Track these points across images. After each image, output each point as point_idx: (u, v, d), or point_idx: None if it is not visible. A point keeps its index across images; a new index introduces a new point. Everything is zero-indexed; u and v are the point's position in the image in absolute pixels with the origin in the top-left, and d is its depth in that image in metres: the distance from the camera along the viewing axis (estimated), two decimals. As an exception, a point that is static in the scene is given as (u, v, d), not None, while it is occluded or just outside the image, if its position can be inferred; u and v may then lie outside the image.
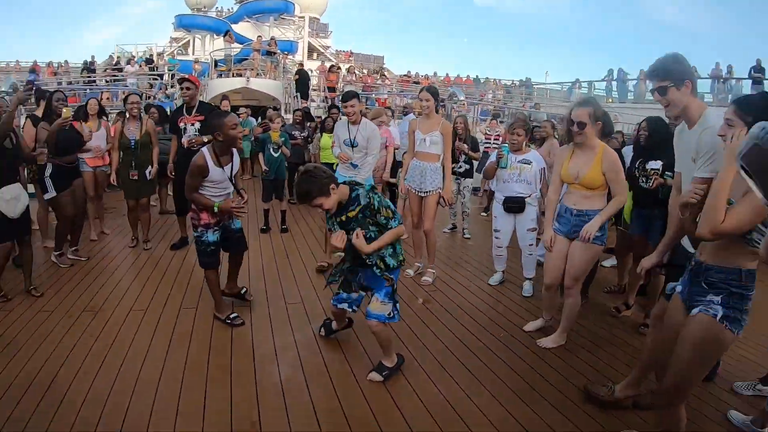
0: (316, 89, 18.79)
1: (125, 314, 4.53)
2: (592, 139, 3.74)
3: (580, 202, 3.83)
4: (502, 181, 5.20)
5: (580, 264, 3.89)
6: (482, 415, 3.26)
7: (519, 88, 25.78)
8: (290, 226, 7.60)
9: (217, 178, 4.11)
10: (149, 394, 3.36)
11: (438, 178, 5.28)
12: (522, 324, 4.58)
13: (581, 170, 3.75)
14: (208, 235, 4.18)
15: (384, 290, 3.47)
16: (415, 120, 5.63)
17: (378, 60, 34.04)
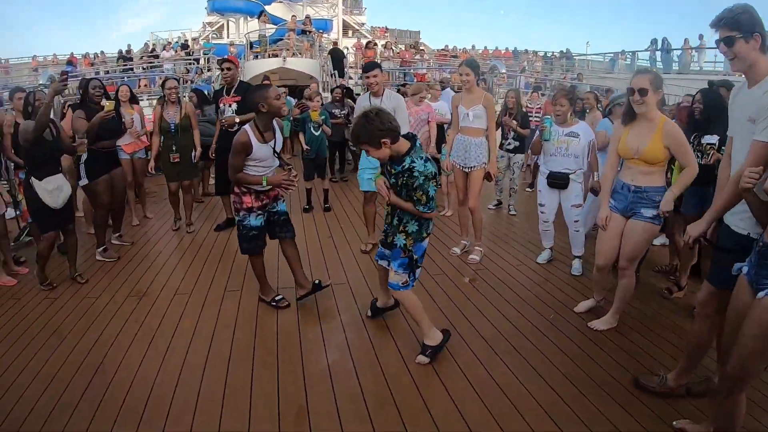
0: (353, 66, 18.53)
1: (170, 298, 4.52)
2: (652, 109, 3.48)
3: (639, 178, 3.61)
4: (549, 155, 4.95)
5: (636, 244, 3.69)
6: (532, 398, 3.10)
7: (559, 59, 24.93)
8: (333, 204, 7.51)
9: (261, 155, 3.89)
10: (196, 378, 3.33)
11: (483, 152, 5.14)
12: (572, 304, 4.36)
13: (641, 144, 3.51)
14: (251, 220, 4.03)
15: (399, 260, 3.39)
16: (457, 95, 5.49)
17: (414, 35, 33.47)
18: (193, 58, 19.23)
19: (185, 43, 23.01)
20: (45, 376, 3.40)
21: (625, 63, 20.45)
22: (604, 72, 20.54)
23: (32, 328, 4.07)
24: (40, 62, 24.97)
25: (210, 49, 20.43)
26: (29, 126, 4.38)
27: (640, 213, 3.60)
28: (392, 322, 3.99)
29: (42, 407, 3.07)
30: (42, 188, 4.53)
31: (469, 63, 5.19)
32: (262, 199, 4.04)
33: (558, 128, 4.86)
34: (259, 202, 4.02)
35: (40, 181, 4.53)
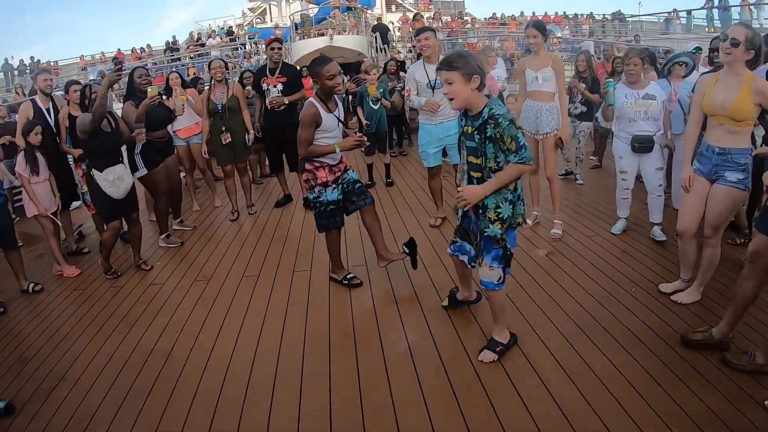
0: (401, 40, 18.16)
1: (238, 281, 4.44)
2: (739, 64, 3.22)
3: (724, 138, 3.35)
4: (628, 120, 4.61)
5: (721, 210, 3.42)
6: (624, 379, 2.82)
7: (612, 22, 23.79)
8: (395, 179, 7.28)
9: (329, 125, 3.84)
10: (271, 362, 3.21)
11: (554, 118, 4.88)
12: (652, 276, 4.04)
13: (727, 99, 3.25)
14: (327, 194, 3.92)
15: (492, 253, 2.99)
16: (523, 59, 5.23)
17: (458, 5, 32.75)
18: (240, 43, 19.28)
19: (230, 30, 23.16)
20: (118, 361, 3.40)
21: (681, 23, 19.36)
22: (659, 33, 19.43)
23: (101, 316, 4.09)
24: (87, 61, 25.65)
25: (255, 33, 20.45)
26: (86, 118, 4.38)
27: (724, 177, 3.36)
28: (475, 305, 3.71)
29: (116, 392, 3.07)
30: (103, 179, 4.53)
31: (535, 24, 4.94)
32: (335, 172, 3.95)
33: (633, 91, 4.55)
34: (333, 174, 3.93)
35: (100, 173, 4.53)
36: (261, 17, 28.08)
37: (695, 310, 3.51)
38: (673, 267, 4.13)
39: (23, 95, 12.20)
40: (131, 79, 5.32)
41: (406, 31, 18.84)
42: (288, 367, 3.12)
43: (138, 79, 5.24)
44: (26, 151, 4.84)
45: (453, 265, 4.29)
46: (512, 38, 18.59)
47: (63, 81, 18.00)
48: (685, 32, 18.23)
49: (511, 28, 21.97)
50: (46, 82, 5.38)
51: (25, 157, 4.81)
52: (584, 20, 25.58)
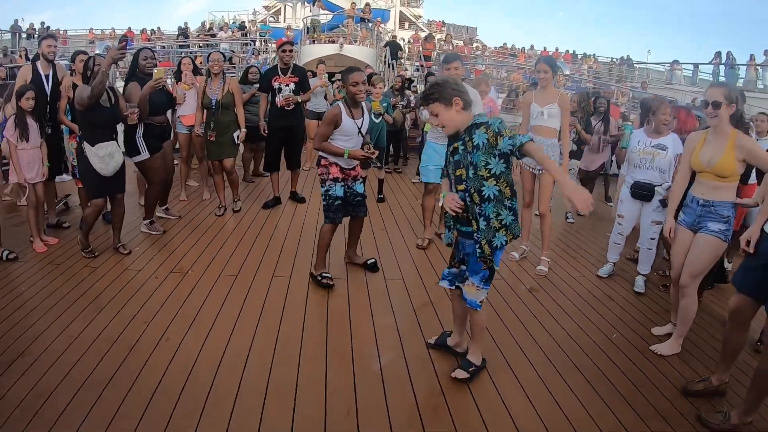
0: (410, 58, 18.28)
1: (215, 279, 4.35)
2: (725, 123, 3.44)
3: (709, 192, 3.55)
4: (633, 166, 4.67)
5: (698, 258, 3.57)
6: (593, 423, 2.84)
7: (619, 66, 24.11)
8: (387, 196, 7.26)
9: (347, 129, 4.15)
10: (238, 366, 3.14)
11: (555, 154, 4.92)
12: (634, 324, 4.10)
13: (713, 157, 3.46)
14: (336, 189, 4.26)
15: (480, 273, 3.00)
16: (529, 93, 5.25)
17: (471, 31, 33.15)
18: (250, 39, 19.27)
19: (242, 24, 23.18)
20: (81, 344, 3.30)
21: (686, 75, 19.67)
22: (664, 83, 19.73)
23: (70, 295, 3.98)
24: (97, 35, 25.50)
25: (267, 31, 20.49)
26: (84, 92, 4.32)
27: (707, 226, 3.53)
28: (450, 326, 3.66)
29: (76, 376, 2.98)
30: (93, 153, 4.46)
31: (547, 60, 5.08)
32: (345, 173, 4.29)
33: (647, 138, 4.58)
34: (342, 174, 4.28)
35: (92, 147, 4.45)
36: (275, 16, 28.20)
37: (672, 363, 3.53)
38: (655, 317, 4.20)
39: (26, 59, 12.08)
40: (136, 59, 5.22)
41: (416, 49, 18.97)
42: (255, 375, 3.04)
43: (143, 60, 5.14)
44: (17, 116, 4.73)
45: (433, 286, 4.32)
46: (520, 70, 18.78)
47: (69, 51, 17.91)
48: (690, 85, 18.48)
49: (519, 60, 22.18)
50: (49, 48, 5.27)
51: (15, 122, 4.70)
52: (586, 61, 25.86)
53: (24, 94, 4.71)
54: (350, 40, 17.44)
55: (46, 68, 5.25)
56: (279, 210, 6.38)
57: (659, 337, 3.89)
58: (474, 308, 3.07)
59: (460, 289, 3.13)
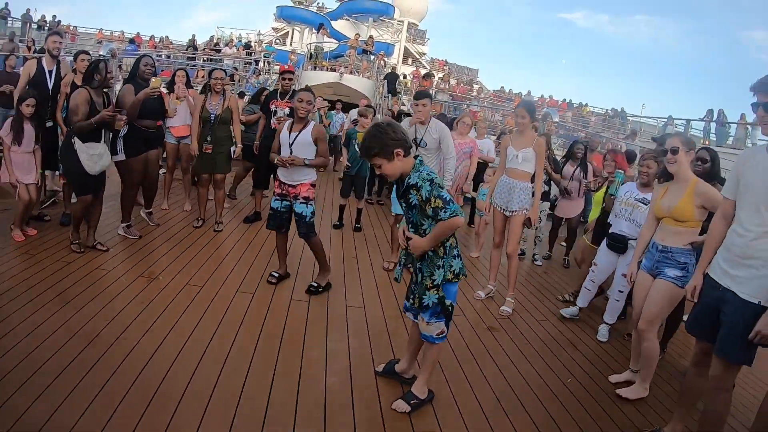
0: (407, 92, 18.67)
1: (181, 287, 4.46)
2: (685, 170, 3.67)
3: (668, 238, 3.72)
4: (614, 215, 4.82)
5: (656, 303, 3.69)
6: None
7: (613, 118, 24.71)
8: (364, 226, 7.40)
9: (282, 139, 4.62)
10: (187, 371, 3.23)
11: (526, 197, 5.06)
12: (592, 371, 4.19)
13: (672, 201, 3.66)
14: (273, 201, 4.72)
15: (430, 311, 3.09)
16: (507, 136, 5.42)
17: (472, 72, 33.88)
18: (254, 59, 19.62)
19: (248, 43, 23.56)
20: (39, 335, 3.39)
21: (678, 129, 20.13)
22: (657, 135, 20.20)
23: (39, 286, 4.08)
24: (105, 35, 25.82)
25: (271, 53, 20.85)
26: (79, 108, 4.52)
27: (664, 272, 3.65)
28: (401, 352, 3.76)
29: (29, 363, 3.06)
30: (84, 151, 4.61)
31: (525, 104, 5.25)
32: (282, 189, 4.66)
33: (635, 191, 4.68)
34: (279, 189, 4.68)
35: (83, 144, 4.59)
36: (282, 39, 28.69)
37: (627, 409, 3.64)
38: (616, 366, 4.30)
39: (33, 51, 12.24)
40: (137, 64, 5.42)
41: (414, 85, 19.38)
42: (201, 383, 3.13)
43: (143, 66, 5.34)
44: (14, 119, 4.87)
45: (392, 315, 4.49)
46: (514, 114, 19.12)
47: (77, 48, 18.12)
48: None
49: (515, 105, 22.62)
50: (55, 44, 5.44)
51: (12, 125, 4.84)
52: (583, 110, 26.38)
53: (25, 99, 4.87)
54: (351, 70, 17.82)
55: (50, 64, 5.42)
56: (256, 228, 6.51)
57: (616, 384, 3.96)
58: (430, 342, 3.15)
59: None
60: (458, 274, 3.08)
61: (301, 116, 4.50)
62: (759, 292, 2.67)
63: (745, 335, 2.63)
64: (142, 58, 5.53)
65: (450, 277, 3.04)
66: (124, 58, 15.28)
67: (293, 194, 4.61)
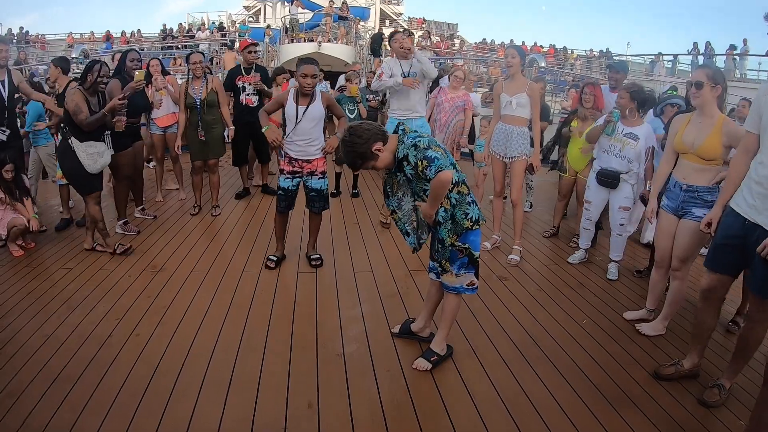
0: (389, 54, 18.34)
1: (186, 275, 4.39)
2: (710, 105, 3.40)
3: (691, 176, 3.52)
4: (602, 151, 4.70)
5: (687, 245, 3.57)
6: (560, 409, 2.89)
7: (599, 59, 24.32)
8: (362, 191, 7.31)
9: (289, 113, 4.34)
10: (203, 360, 3.18)
11: (525, 143, 4.95)
12: (606, 310, 4.15)
13: (697, 138, 3.43)
14: (281, 179, 4.46)
15: (458, 262, 3.04)
16: (499, 83, 5.26)
17: (452, 28, 33.22)
18: (229, 39, 19.23)
19: (221, 25, 23.10)
20: (54, 342, 3.34)
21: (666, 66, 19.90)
22: (644, 74, 19.96)
23: (45, 296, 4.00)
24: (76, 39, 25.33)
25: (246, 31, 20.43)
26: (80, 111, 4.37)
27: (692, 212, 3.50)
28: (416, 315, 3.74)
29: (47, 373, 3.02)
30: (83, 150, 4.49)
31: (514, 46, 5.11)
32: (294, 165, 4.42)
33: (620, 125, 4.56)
34: (291, 167, 4.42)
35: (81, 143, 4.48)
36: (254, 16, 28.09)
37: (645, 345, 3.62)
38: (628, 303, 4.26)
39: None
40: (123, 60, 5.29)
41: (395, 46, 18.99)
42: (219, 368, 3.08)
43: (130, 62, 5.23)
44: None
45: (401, 277, 4.44)
46: (499, 64, 18.90)
47: (49, 56, 17.77)
48: (669, 75, 18.72)
49: (499, 55, 22.28)
50: (1, 54, 5.28)
51: None
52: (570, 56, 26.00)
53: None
54: (329, 39, 17.46)
55: (0, 74, 5.22)
56: (253, 206, 6.42)
57: (631, 321, 3.93)
58: (459, 293, 3.11)
59: None
60: (476, 221, 3.00)
61: (306, 93, 4.27)
62: None
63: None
64: (128, 53, 5.38)
65: (468, 225, 2.97)
66: (101, 57, 14.98)
67: (308, 170, 4.42)
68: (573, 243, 5.48)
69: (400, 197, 3.15)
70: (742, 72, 17.55)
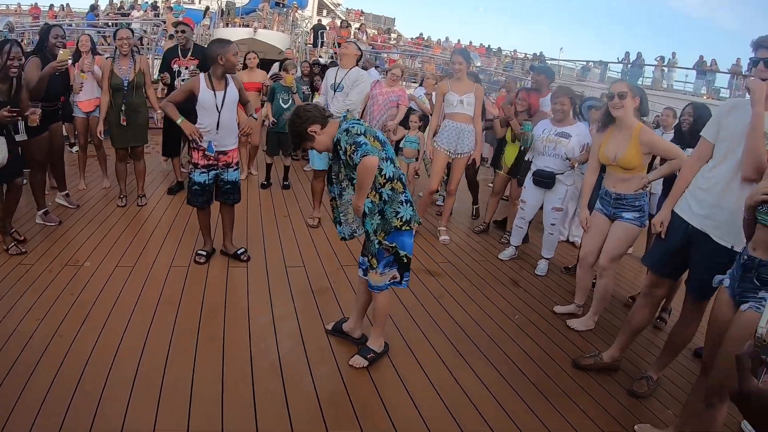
0: (324, 45, 18.14)
1: (111, 270, 4.16)
2: (629, 116, 3.61)
3: (618, 185, 3.74)
4: (538, 153, 4.85)
5: (617, 242, 3.77)
6: (497, 403, 2.99)
7: (532, 62, 24.99)
8: (293, 183, 7.18)
9: (205, 102, 4.03)
10: (132, 363, 3.01)
11: (473, 140, 5.20)
12: (538, 306, 4.32)
13: (618, 150, 3.62)
14: (194, 175, 4.19)
15: (384, 261, 3.03)
16: (444, 83, 5.37)
17: (389, 21, 33.26)
18: (162, 19, 18.40)
19: (155, 4, 22.05)
20: None
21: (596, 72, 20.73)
22: (574, 79, 20.70)
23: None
24: (2, 10, 23.55)
25: (181, 12, 19.60)
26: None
27: (623, 216, 3.73)
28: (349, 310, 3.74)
29: None
30: None
31: (461, 52, 5.31)
32: (209, 159, 4.17)
33: (552, 127, 4.72)
34: (205, 160, 4.17)
35: None
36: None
37: (574, 341, 3.80)
38: (558, 298, 4.44)
39: None
40: (46, 35, 4.86)
41: (331, 36, 18.83)
42: (149, 370, 2.94)
43: (53, 39, 4.84)
44: None
45: (333, 271, 4.44)
46: (434, 61, 19.08)
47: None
48: (599, 81, 19.50)
49: (434, 51, 22.50)
50: None
51: None
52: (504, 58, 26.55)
53: None
54: (264, 25, 17.04)
55: None
56: (181, 195, 6.08)
57: (561, 315, 4.12)
58: (381, 290, 3.10)
59: None
60: (408, 221, 2.98)
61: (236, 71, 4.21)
62: (731, 237, 2.72)
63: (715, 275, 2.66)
64: (52, 29, 4.93)
65: (398, 224, 2.95)
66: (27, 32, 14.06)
67: (224, 162, 4.22)
68: (504, 239, 5.65)
69: (344, 187, 3.12)
70: (669, 83, 18.51)
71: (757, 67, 2.65)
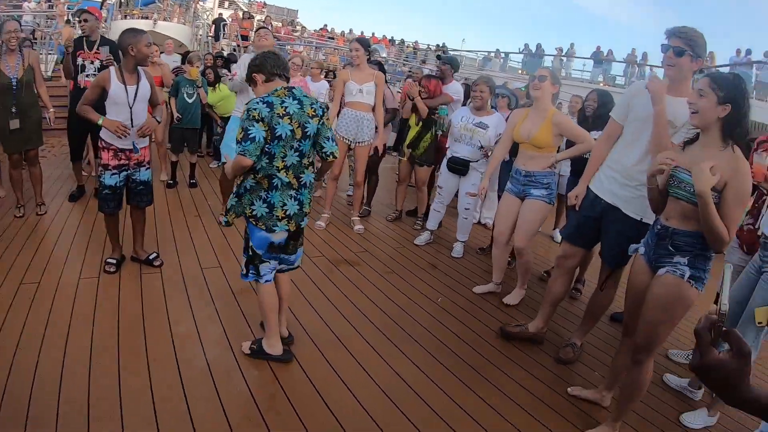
0: (227, 37, 17.61)
1: (14, 290, 3.77)
2: (546, 99, 3.89)
3: (529, 163, 3.98)
4: (454, 140, 5.04)
5: (529, 220, 4.03)
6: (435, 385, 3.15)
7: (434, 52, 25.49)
8: (200, 181, 6.89)
9: (116, 96, 3.79)
10: (52, 388, 2.78)
11: (372, 128, 5.26)
12: (458, 287, 4.51)
13: (532, 130, 3.88)
14: (105, 177, 3.93)
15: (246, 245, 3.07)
16: (345, 71, 5.42)
17: (292, 13, 32.79)
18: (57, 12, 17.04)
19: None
20: None
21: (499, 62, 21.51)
22: (476, 69, 21.35)
23: None
24: None
25: (76, 4, 18.23)
26: None
27: (532, 194, 4.00)
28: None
29: None
30: None
31: (359, 40, 5.36)
32: (120, 158, 3.93)
33: (471, 115, 4.87)
34: (117, 160, 3.92)
35: None
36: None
37: (499, 316, 4.08)
38: (476, 278, 4.68)
39: None
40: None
41: (234, 28, 18.31)
42: (72, 394, 2.73)
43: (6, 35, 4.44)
44: None
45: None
46: (339, 52, 19.06)
47: None
48: (501, 71, 20.24)
49: (339, 43, 22.45)
50: None
51: None
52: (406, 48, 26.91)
53: None
54: (165, 17, 16.32)
55: None
56: (83, 201, 5.73)
57: (481, 294, 4.35)
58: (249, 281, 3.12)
59: None
60: (260, 219, 2.89)
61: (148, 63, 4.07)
62: (640, 210, 3.03)
63: (627, 246, 2.93)
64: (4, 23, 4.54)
65: (248, 213, 2.92)
66: None
67: (136, 161, 4.00)
68: (417, 225, 5.81)
69: None
70: (568, 71, 19.55)
71: (667, 54, 2.90)
